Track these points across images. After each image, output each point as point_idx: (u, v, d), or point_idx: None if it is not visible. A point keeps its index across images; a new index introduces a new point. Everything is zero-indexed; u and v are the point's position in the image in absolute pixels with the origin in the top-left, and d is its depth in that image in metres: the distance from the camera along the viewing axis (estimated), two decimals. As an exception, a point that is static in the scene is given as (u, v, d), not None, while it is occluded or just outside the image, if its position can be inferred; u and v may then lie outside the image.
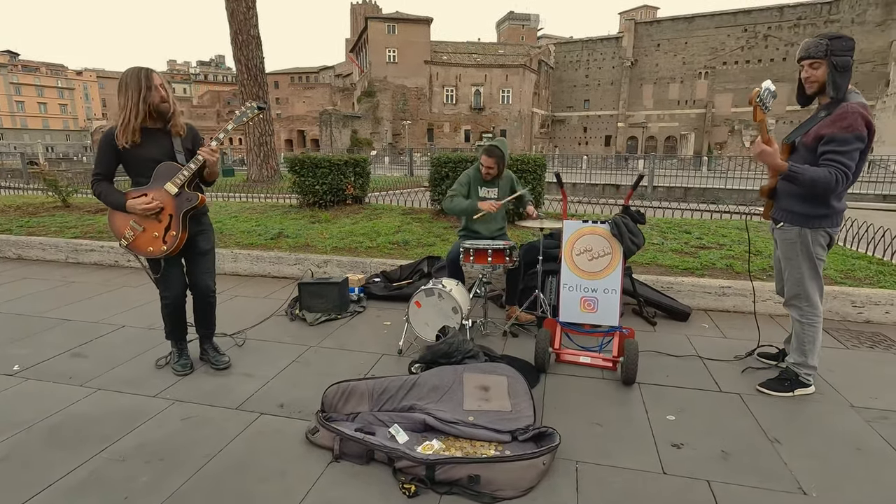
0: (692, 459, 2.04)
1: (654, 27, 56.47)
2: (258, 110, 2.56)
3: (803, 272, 2.45)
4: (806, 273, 2.45)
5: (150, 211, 2.47)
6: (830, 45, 2.23)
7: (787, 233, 2.46)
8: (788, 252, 2.48)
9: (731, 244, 4.88)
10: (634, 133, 56.68)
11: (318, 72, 77.84)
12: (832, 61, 2.24)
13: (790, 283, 2.52)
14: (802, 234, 2.40)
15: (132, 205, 2.46)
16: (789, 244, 2.46)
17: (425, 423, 2.16)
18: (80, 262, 5.47)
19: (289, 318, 3.73)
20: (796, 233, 2.42)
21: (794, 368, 2.55)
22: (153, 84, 2.40)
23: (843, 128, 2.19)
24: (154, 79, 2.41)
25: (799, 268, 2.46)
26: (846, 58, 2.23)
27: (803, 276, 2.46)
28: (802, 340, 2.52)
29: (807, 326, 2.50)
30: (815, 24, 47.89)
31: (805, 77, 2.34)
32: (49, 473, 1.93)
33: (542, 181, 6.14)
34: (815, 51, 2.27)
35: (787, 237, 2.47)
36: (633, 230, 2.68)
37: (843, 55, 2.23)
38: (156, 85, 2.41)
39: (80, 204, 7.65)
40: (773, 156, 2.26)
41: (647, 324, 3.59)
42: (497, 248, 3.10)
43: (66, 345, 3.20)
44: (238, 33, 11.28)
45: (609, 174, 18.50)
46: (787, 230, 2.46)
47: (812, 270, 2.45)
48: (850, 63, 2.24)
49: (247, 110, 2.54)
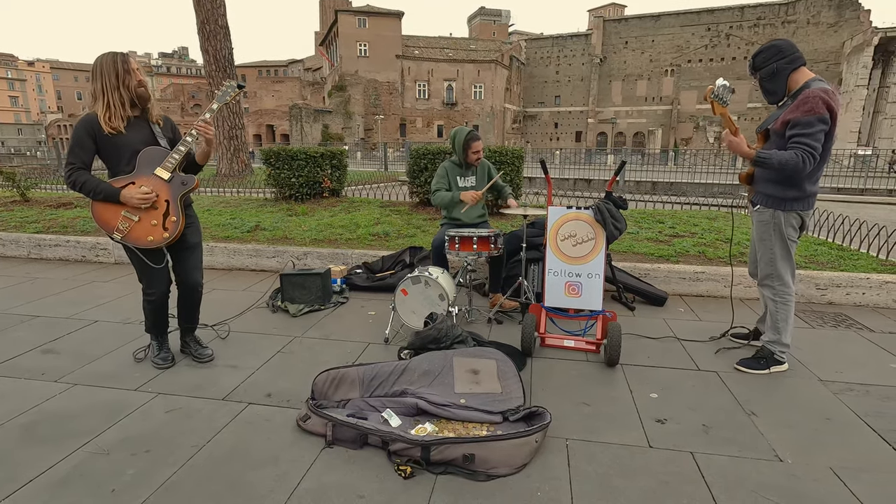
0: (676, 433, 2.12)
1: (622, 25, 57.54)
2: (238, 88, 2.51)
3: (775, 252, 2.58)
4: (778, 253, 2.58)
5: (146, 202, 2.38)
6: (753, 63, 2.52)
7: (762, 214, 2.59)
8: (762, 233, 2.60)
9: (703, 232, 5.06)
10: (604, 129, 57.74)
11: (286, 65, 76.19)
12: (759, 76, 2.51)
13: (763, 262, 2.65)
14: (776, 215, 2.53)
15: (128, 195, 2.34)
16: (763, 225, 2.59)
17: (418, 407, 2.17)
18: (44, 258, 5.24)
19: (270, 309, 3.67)
20: (770, 214, 2.55)
21: (770, 346, 2.68)
22: (130, 68, 2.32)
23: (806, 111, 2.33)
24: (131, 63, 2.33)
25: (772, 248, 2.58)
26: (770, 66, 2.46)
27: (775, 256, 2.59)
28: (776, 319, 2.64)
29: (780, 305, 2.63)
30: (773, 25, 49.75)
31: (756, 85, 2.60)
32: (29, 469, 1.86)
33: (521, 173, 6.21)
34: (749, 70, 2.56)
35: (762, 219, 2.59)
36: (615, 215, 2.75)
37: (765, 65, 2.47)
38: (133, 69, 2.33)
39: (40, 198, 7.31)
40: (740, 145, 2.45)
41: (627, 309, 3.70)
42: (482, 235, 3.13)
43: (36, 341, 3.07)
44: (205, 23, 10.93)
45: (580, 169, 18.84)
46: (761, 212, 2.59)
47: (784, 251, 2.58)
48: (776, 68, 2.45)
49: (228, 89, 2.49)
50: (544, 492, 1.76)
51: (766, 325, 2.76)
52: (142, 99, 2.38)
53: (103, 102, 2.29)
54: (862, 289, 3.79)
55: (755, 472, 1.87)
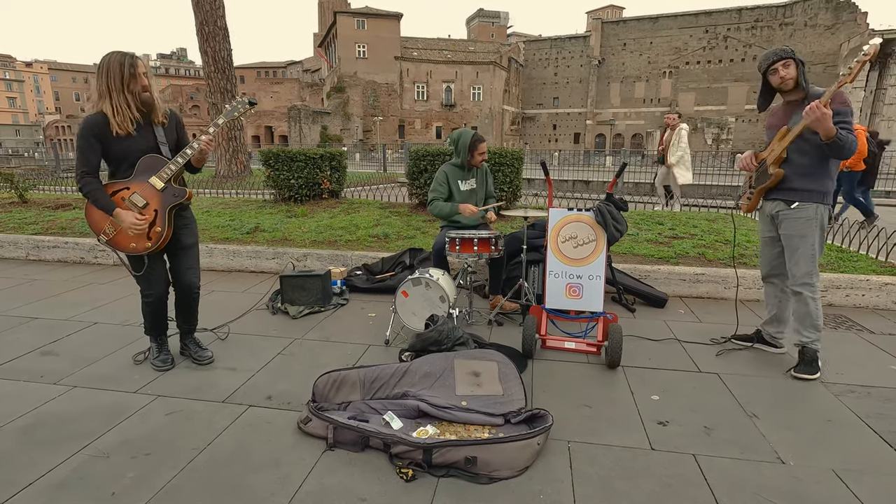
0: (678, 435, 2.12)
1: (620, 27, 57.68)
2: (249, 105, 2.50)
3: (816, 248, 2.61)
4: (818, 248, 2.62)
5: (137, 230, 2.39)
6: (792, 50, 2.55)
7: (804, 210, 2.58)
8: (804, 229, 2.59)
9: (702, 234, 5.06)
10: (602, 130, 57.83)
11: (285, 66, 76.16)
12: (799, 59, 2.53)
13: (804, 260, 2.61)
14: (819, 210, 2.57)
15: (123, 218, 2.36)
16: (804, 221, 2.59)
17: (419, 410, 2.17)
18: (43, 259, 5.22)
19: (270, 311, 3.66)
20: (814, 210, 2.58)
21: (814, 346, 2.66)
22: (137, 72, 2.31)
23: (842, 102, 2.42)
24: (138, 66, 2.32)
25: (813, 244, 2.60)
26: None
27: (816, 251, 2.61)
28: (815, 316, 2.63)
29: (817, 302, 2.64)
30: (770, 27, 49.92)
31: (782, 76, 2.54)
32: (28, 473, 1.85)
33: (520, 175, 6.21)
34: (784, 52, 2.54)
35: (804, 215, 2.59)
36: (616, 217, 2.75)
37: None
38: (140, 73, 2.32)
39: (38, 200, 7.29)
40: (829, 119, 2.36)
41: (627, 311, 3.70)
42: (483, 237, 3.13)
43: (35, 343, 3.05)
44: (204, 24, 10.93)
45: (578, 170, 18.86)
46: (803, 208, 2.58)
47: (821, 246, 2.65)
48: None
49: (238, 105, 2.49)
50: (547, 494, 1.76)
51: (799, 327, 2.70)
52: (146, 104, 2.38)
53: (110, 104, 2.28)
54: (862, 290, 3.79)
55: (757, 474, 1.87)
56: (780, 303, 2.93)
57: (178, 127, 2.58)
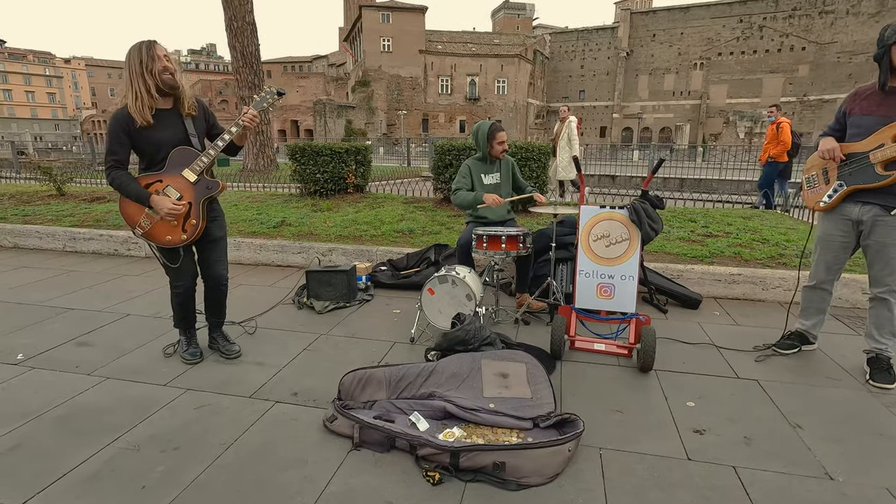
0: (715, 445, 2.02)
1: (649, 17, 56.19)
2: (278, 95, 2.48)
3: None
4: None
5: (174, 214, 2.39)
6: None
7: None
8: None
9: (738, 232, 4.86)
10: (629, 124, 56.60)
11: (311, 61, 76.91)
12: None
13: None
14: None
15: (159, 204, 2.35)
16: None
17: (445, 411, 2.13)
18: (78, 251, 5.38)
19: (296, 306, 3.67)
20: None
21: (888, 353, 2.54)
22: (155, 54, 2.29)
23: None
24: (156, 49, 2.31)
25: None
26: None
27: None
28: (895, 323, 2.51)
29: None
30: (809, 15, 47.88)
31: None
32: (63, 463, 1.88)
33: (546, 170, 6.09)
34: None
35: None
36: (652, 216, 2.65)
37: None
38: (158, 55, 2.30)
39: (75, 192, 7.52)
40: None
41: (659, 311, 3.58)
42: (511, 234, 3.06)
43: (71, 333, 3.13)
44: (233, 20, 11.08)
45: (604, 165, 18.46)
46: None
47: None
48: None
49: (267, 95, 2.47)
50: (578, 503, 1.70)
51: (869, 332, 2.60)
52: (168, 86, 2.34)
53: (132, 92, 2.29)
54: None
55: (803, 489, 1.76)
56: (822, 313, 2.80)
57: (208, 115, 2.57)
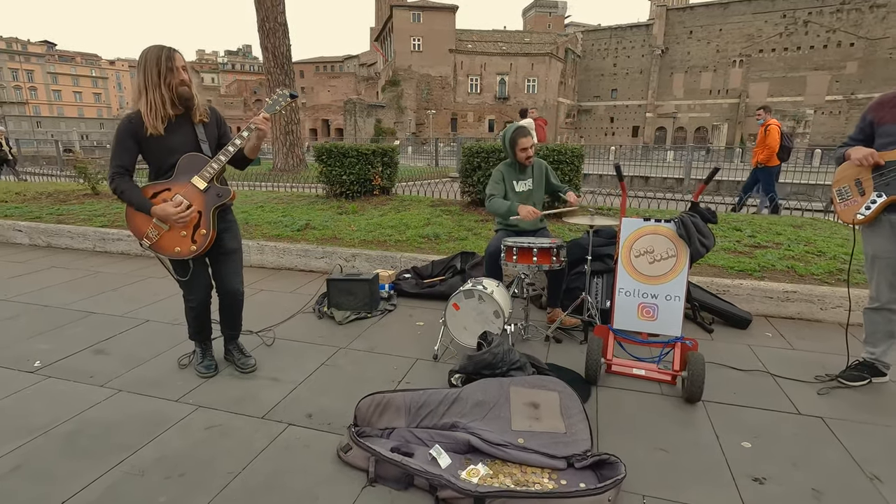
0: (779, 498, 1.77)
1: (686, 14, 54.36)
2: (290, 98, 2.35)
3: None
4: None
5: (184, 219, 2.27)
6: None
7: None
8: None
9: (789, 243, 4.49)
10: (663, 124, 54.94)
11: (342, 61, 77.74)
12: None
13: None
14: None
15: (163, 211, 2.23)
16: None
17: (469, 444, 1.94)
18: (107, 252, 5.42)
19: (316, 315, 3.55)
20: None
21: None
22: (175, 66, 2.19)
23: None
24: (176, 59, 2.21)
25: None
26: None
27: None
28: None
29: None
30: (859, 10, 45.36)
31: None
32: (64, 487, 1.78)
33: (580, 174, 5.81)
34: None
35: None
36: (702, 230, 2.38)
37: None
38: (177, 67, 2.20)
39: (107, 191, 7.64)
40: None
41: (703, 330, 3.29)
42: (543, 246, 2.84)
43: (90, 339, 3.09)
44: (265, 21, 11.16)
45: (637, 166, 17.88)
46: None
47: None
48: None
49: (279, 98, 2.33)
50: (620, 567, 1.48)
51: None
52: (183, 98, 2.25)
53: (146, 100, 2.18)
54: None
55: (890, 562, 1.50)
56: (892, 337, 2.49)
57: (219, 123, 2.45)
